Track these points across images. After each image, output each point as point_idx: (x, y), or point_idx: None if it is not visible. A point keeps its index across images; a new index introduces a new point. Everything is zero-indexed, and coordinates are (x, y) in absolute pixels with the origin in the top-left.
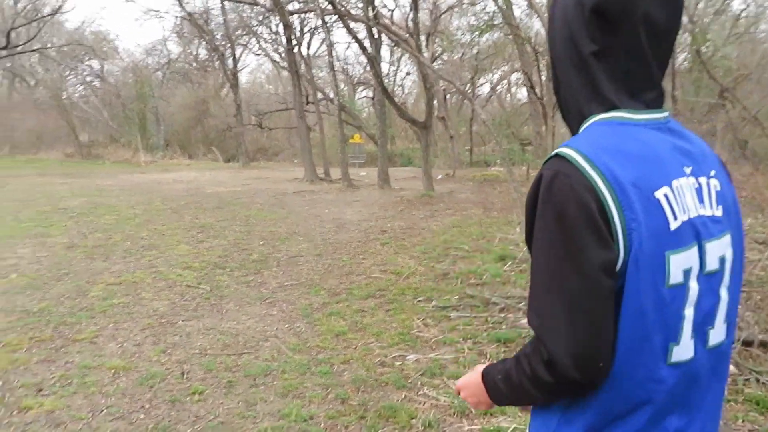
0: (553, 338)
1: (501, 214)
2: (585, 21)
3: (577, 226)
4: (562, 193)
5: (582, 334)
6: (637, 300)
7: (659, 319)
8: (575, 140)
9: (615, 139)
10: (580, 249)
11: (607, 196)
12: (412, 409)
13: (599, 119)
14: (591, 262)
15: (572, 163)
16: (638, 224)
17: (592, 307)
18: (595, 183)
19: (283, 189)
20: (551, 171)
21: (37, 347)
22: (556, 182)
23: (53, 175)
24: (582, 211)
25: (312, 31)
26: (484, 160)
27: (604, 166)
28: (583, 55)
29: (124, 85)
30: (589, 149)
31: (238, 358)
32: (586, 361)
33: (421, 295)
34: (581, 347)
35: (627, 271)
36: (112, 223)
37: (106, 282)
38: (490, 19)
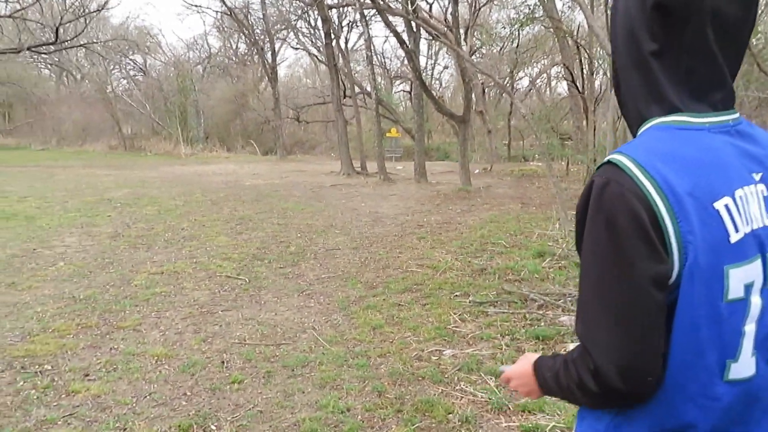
0: (598, 349)
1: (539, 210)
2: (646, 17)
3: (627, 236)
4: (613, 202)
5: (628, 346)
6: (690, 314)
7: (715, 334)
8: (629, 146)
9: (672, 145)
10: (630, 260)
11: (660, 206)
12: (449, 403)
13: (657, 123)
14: (640, 274)
15: (624, 170)
16: (694, 236)
17: (640, 319)
18: (648, 192)
19: (320, 182)
20: (602, 178)
21: (83, 333)
22: (607, 190)
23: (98, 166)
24: (633, 221)
25: (350, 24)
26: (522, 154)
27: (658, 174)
28: (643, 54)
29: (165, 78)
30: (643, 156)
31: (276, 348)
32: (632, 374)
33: (458, 290)
34: (626, 359)
35: (681, 284)
36: (154, 214)
37: (148, 271)
38: (530, 11)
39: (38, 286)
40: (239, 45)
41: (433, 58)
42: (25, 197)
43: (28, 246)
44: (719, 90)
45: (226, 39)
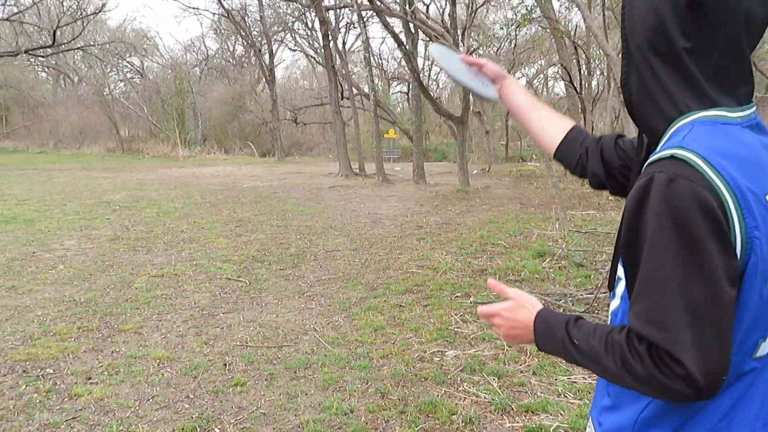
0: (689, 353)
1: (538, 210)
2: (678, 15)
3: (703, 233)
4: (685, 199)
5: (712, 347)
6: (750, 305)
7: (756, 318)
8: (688, 141)
9: (725, 141)
10: (709, 259)
11: (730, 202)
12: (452, 404)
13: (701, 117)
14: (719, 272)
15: (693, 166)
16: (760, 231)
17: (721, 318)
18: (719, 188)
19: (319, 183)
20: (668, 174)
21: (84, 336)
22: (675, 186)
23: (96, 169)
24: (708, 218)
25: (348, 26)
26: (519, 155)
27: (723, 170)
28: (676, 50)
29: (163, 81)
30: (707, 152)
31: (278, 350)
32: (715, 375)
33: (459, 291)
34: (712, 361)
35: (745, 280)
36: (153, 217)
37: (148, 274)
38: (528, 12)
39: (38, 289)
40: (236, 47)
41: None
42: (23, 200)
43: (27, 249)
44: (745, 85)
45: (223, 41)
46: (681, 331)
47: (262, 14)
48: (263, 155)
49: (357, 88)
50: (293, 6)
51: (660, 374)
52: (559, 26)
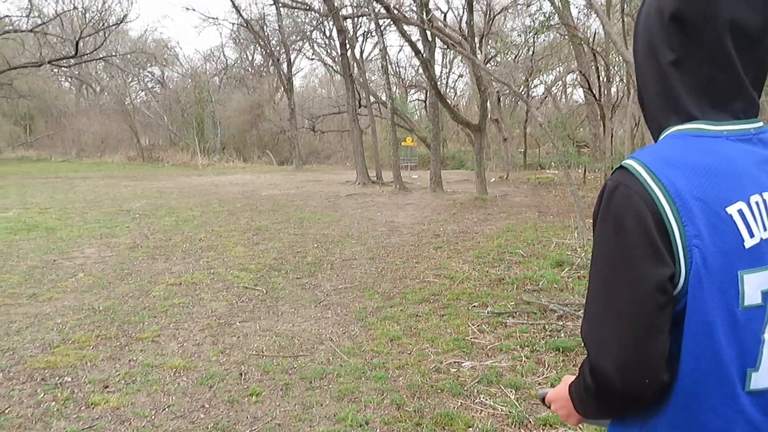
0: (598, 347)
1: (557, 219)
2: (665, 28)
3: (632, 238)
4: (621, 205)
5: (627, 346)
6: (702, 318)
7: (732, 341)
8: (642, 152)
9: (685, 151)
10: (634, 262)
11: (667, 209)
12: (468, 417)
13: (674, 131)
14: (643, 276)
15: (634, 174)
16: (701, 240)
17: (641, 320)
18: (656, 196)
19: (336, 192)
20: (614, 182)
21: (103, 345)
22: (616, 193)
23: (117, 177)
24: (639, 223)
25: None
26: (538, 162)
27: (666, 178)
28: (661, 64)
29: (183, 90)
30: (653, 161)
31: (294, 360)
32: (628, 373)
33: (476, 301)
34: (623, 358)
35: (689, 288)
36: (172, 225)
37: (166, 282)
38: (546, 19)
39: (58, 297)
40: (255, 56)
41: (448, 67)
42: (46, 208)
43: (48, 257)
44: (739, 99)
45: (242, 50)
46: (599, 327)
47: (281, 24)
48: (281, 163)
49: (374, 96)
50: (311, 15)
51: (585, 370)
52: (578, 33)
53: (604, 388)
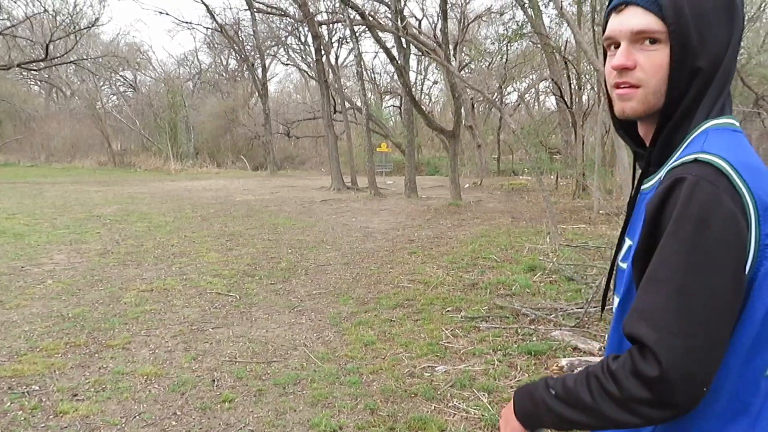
0: (673, 354)
1: (530, 224)
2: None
3: (722, 240)
4: (707, 202)
5: (709, 354)
6: (760, 316)
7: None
8: (712, 146)
9: (742, 148)
10: (718, 265)
11: (751, 208)
12: (441, 421)
13: (714, 126)
14: (725, 280)
15: (720, 170)
16: None
17: (723, 327)
18: (743, 194)
19: (311, 197)
20: (691, 177)
21: (72, 352)
22: (699, 190)
23: (87, 182)
24: (730, 224)
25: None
26: (511, 168)
27: (748, 176)
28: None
29: (156, 94)
30: (732, 157)
31: (267, 366)
32: (697, 385)
33: (450, 306)
34: (696, 370)
35: (753, 287)
36: (144, 231)
37: (138, 288)
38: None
39: (26, 304)
40: (230, 61)
41: (423, 74)
42: (13, 214)
43: (16, 264)
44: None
45: (216, 55)
46: (671, 334)
47: (255, 29)
48: (256, 169)
49: (349, 102)
50: (286, 21)
51: (632, 382)
52: (550, 42)
53: (664, 397)
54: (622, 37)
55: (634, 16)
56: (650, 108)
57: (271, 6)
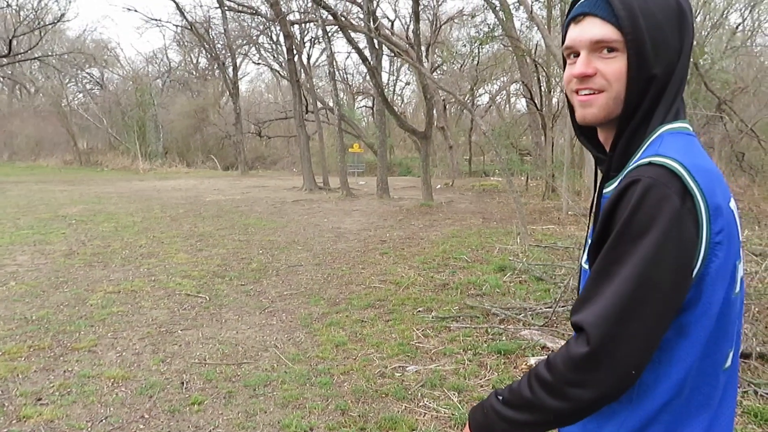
0: (602, 337)
1: (500, 225)
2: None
3: (667, 237)
4: (659, 203)
5: (634, 340)
6: (714, 310)
7: (725, 326)
8: (667, 149)
9: (695, 151)
10: (661, 262)
11: (702, 208)
12: (412, 420)
13: (669, 130)
14: (667, 277)
15: (675, 173)
16: (723, 236)
17: (655, 316)
18: (695, 194)
19: (282, 198)
20: (648, 179)
21: (35, 356)
22: (651, 191)
23: (52, 182)
24: (677, 223)
25: (312, 40)
26: (482, 170)
27: (700, 178)
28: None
29: (123, 92)
30: (685, 160)
31: (237, 368)
32: (623, 368)
33: (421, 306)
34: (626, 353)
35: (704, 283)
36: (111, 231)
37: (104, 290)
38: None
39: None
40: (200, 59)
41: (395, 75)
42: None
43: None
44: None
45: (186, 53)
46: (605, 319)
47: (226, 27)
48: (226, 169)
49: (322, 102)
50: (258, 20)
51: (563, 365)
52: (521, 45)
53: (587, 377)
54: (581, 46)
55: (593, 26)
56: (610, 114)
57: (242, 4)
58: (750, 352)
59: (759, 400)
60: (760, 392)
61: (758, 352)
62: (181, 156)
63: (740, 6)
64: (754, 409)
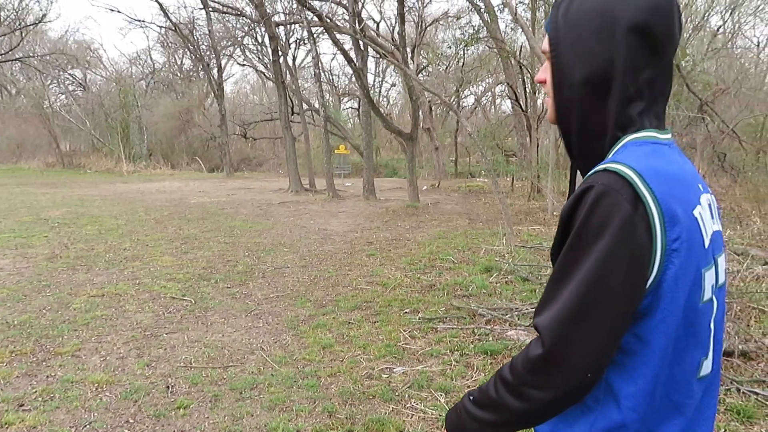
0: (556, 339)
1: (486, 226)
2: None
3: (618, 243)
4: (610, 209)
5: (588, 342)
6: (675, 317)
7: (694, 335)
8: (624, 157)
9: (657, 159)
10: (613, 268)
11: (655, 215)
12: (399, 422)
13: (633, 140)
14: (626, 280)
15: (627, 179)
16: (680, 244)
17: (608, 321)
18: (647, 201)
19: (268, 199)
20: (602, 185)
21: (18, 361)
22: (606, 197)
23: (34, 184)
24: (628, 229)
25: (298, 42)
26: (468, 171)
27: (655, 185)
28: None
29: (107, 94)
30: (640, 168)
31: (223, 371)
32: (577, 370)
33: (408, 307)
34: (579, 355)
35: (661, 289)
36: (95, 234)
37: (88, 294)
38: (475, 32)
39: None
40: (184, 61)
41: (381, 76)
42: None
43: None
44: (663, 112)
45: (170, 54)
46: (559, 322)
47: (211, 28)
48: (211, 170)
49: (307, 104)
50: (243, 21)
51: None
52: (505, 46)
53: (541, 378)
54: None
55: (544, 38)
56: (554, 118)
57: (227, 5)
58: (732, 350)
59: (741, 398)
60: (742, 390)
61: (740, 350)
62: (166, 158)
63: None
64: (737, 407)
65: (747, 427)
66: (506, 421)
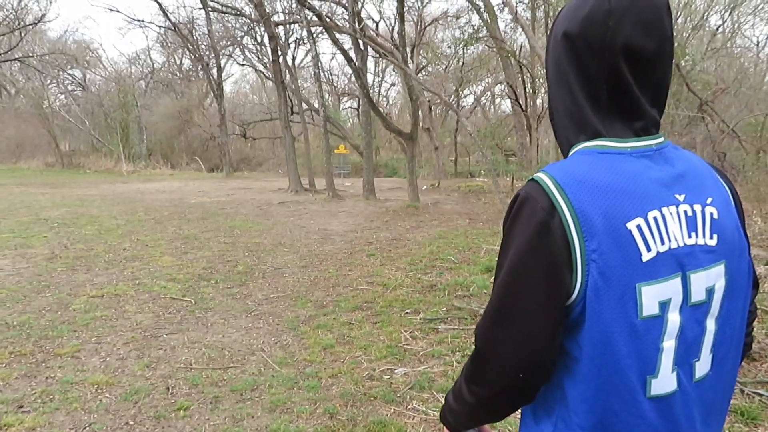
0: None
1: (486, 225)
2: (570, 50)
3: (533, 249)
4: (528, 217)
5: (511, 343)
6: (601, 328)
7: (632, 350)
8: (553, 167)
9: (592, 169)
10: (527, 270)
11: (571, 224)
12: (401, 423)
13: (582, 148)
14: (537, 284)
15: (543, 188)
16: (600, 255)
17: (528, 323)
18: (562, 211)
19: (268, 199)
20: (524, 193)
21: (17, 362)
22: (525, 205)
23: (33, 184)
24: (542, 235)
25: (297, 41)
26: (468, 170)
27: (573, 194)
28: (570, 84)
29: (106, 94)
30: (563, 177)
31: (224, 372)
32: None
33: (409, 308)
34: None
35: (587, 299)
36: (94, 234)
37: (88, 294)
38: (475, 31)
39: None
40: (184, 60)
41: (381, 76)
42: None
43: None
44: (640, 119)
45: (170, 54)
46: (486, 323)
47: (210, 28)
48: (211, 170)
49: (307, 104)
50: (242, 21)
51: (467, 363)
52: (505, 46)
53: (474, 374)
54: None
55: None
56: None
57: (226, 5)
58: None
59: (745, 399)
60: (746, 391)
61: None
62: (165, 158)
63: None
64: (741, 408)
65: (751, 428)
66: (465, 412)
